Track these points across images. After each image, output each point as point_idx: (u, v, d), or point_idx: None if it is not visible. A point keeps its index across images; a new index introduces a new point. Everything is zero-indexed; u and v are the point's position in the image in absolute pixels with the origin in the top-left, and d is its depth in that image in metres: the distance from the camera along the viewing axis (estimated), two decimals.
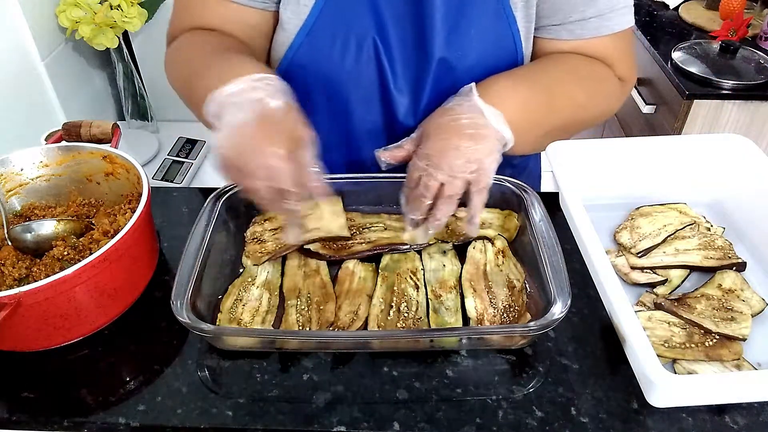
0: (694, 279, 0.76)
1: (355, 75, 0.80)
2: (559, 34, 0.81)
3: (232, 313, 0.70)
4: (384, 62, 0.79)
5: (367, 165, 0.86)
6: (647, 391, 0.62)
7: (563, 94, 0.79)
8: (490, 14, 0.78)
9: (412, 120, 0.84)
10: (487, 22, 0.78)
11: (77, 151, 0.81)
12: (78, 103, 1.58)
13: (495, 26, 0.79)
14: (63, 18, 1.43)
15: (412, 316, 0.70)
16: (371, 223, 0.81)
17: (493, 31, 0.79)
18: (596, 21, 0.79)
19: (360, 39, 0.78)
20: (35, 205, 0.82)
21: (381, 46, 0.78)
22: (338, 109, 0.84)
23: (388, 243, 0.78)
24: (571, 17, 0.79)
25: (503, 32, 0.79)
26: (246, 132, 0.62)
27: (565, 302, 0.63)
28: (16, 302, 0.60)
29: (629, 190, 0.86)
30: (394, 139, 0.86)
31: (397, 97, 0.82)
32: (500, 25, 0.79)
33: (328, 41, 0.78)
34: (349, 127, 0.86)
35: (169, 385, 0.65)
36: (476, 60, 0.79)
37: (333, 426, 0.61)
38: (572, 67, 0.81)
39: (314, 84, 0.82)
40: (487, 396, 0.63)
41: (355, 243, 0.78)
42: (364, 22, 0.77)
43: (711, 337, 0.67)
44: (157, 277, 0.76)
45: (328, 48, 0.79)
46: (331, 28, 0.78)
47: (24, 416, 0.63)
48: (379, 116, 0.85)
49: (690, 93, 1.60)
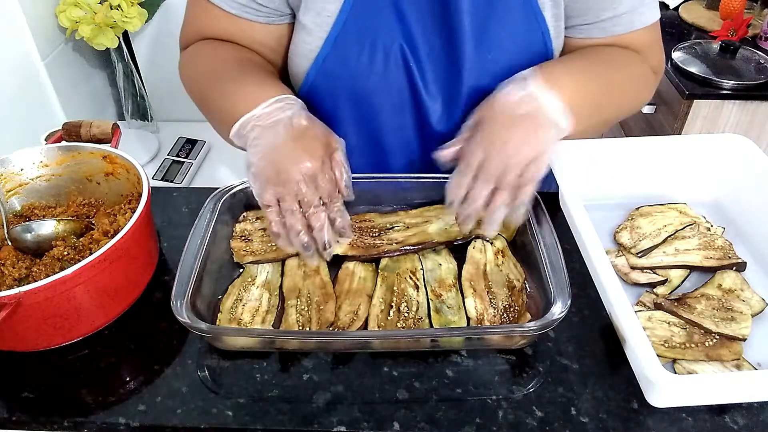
0: (694, 279, 0.76)
1: (385, 83, 0.80)
2: (591, 32, 0.81)
3: (232, 313, 0.70)
4: (413, 69, 0.79)
5: (397, 172, 0.86)
6: (647, 391, 0.62)
7: (616, 80, 0.79)
8: (519, 15, 0.77)
9: (445, 125, 0.83)
10: (516, 23, 0.77)
11: (77, 151, 0.81)
12: (78, 103, 1.58)
13: (525, 27, 0.78)
14: (63, 18, 1.43)
15: (413, 316, 0.70)
16: (391, 223, 0.81)
17: (523, 31, 0.78)
18: (628, 16, 0.78)
19: (387, 46, 0.77)
20: (35, 205, 0.82)
21: (409, 52, 0.78)
22: (368, 117, 0.83)
23: (418, 242, 0.77)
24: (602, 15, 0.78)
25: (533, 32, 0.78)
26: (283, 147, 0.67)
27: (565, 302, 0.63)
28: (16, 302, 0.60)
29: (629, 190, 0.86)
30: (427, 146, 0.85)
31: (429, 103, 0.82)
32: (530, 25, 0.78)
33: (355, 50, 0.78)
34: (379, 135, 0.85)
35: (169, 385, 0.65)
36: (508, 62, 0.78)
37: (333, 426, 0.61)
38: (615, 56, 0.81)
39: (343, 93, 0.82)
40: (487, 396, 0.63)
41: (383, 243, 0.78)
42: (390, 29, 0.77)
43: (711, 337, 0.67)
44: (157, 277, 0.76)
45: (356, 57, 0.78)
46: (357, 36, 0.77)
47: (24, 416, 0.63)
48: (411, 123, 0.84)
49: (690, 93, 1.60)
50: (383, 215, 0.83)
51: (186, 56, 0.87)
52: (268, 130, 0.69)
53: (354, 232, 0.79)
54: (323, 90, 0.81)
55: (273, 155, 0.68)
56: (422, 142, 0.86)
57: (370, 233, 0.80)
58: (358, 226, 0.80)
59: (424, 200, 0.83)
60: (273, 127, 0.69)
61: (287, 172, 0.66)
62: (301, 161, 0.66)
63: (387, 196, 0.83)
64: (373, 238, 0.79)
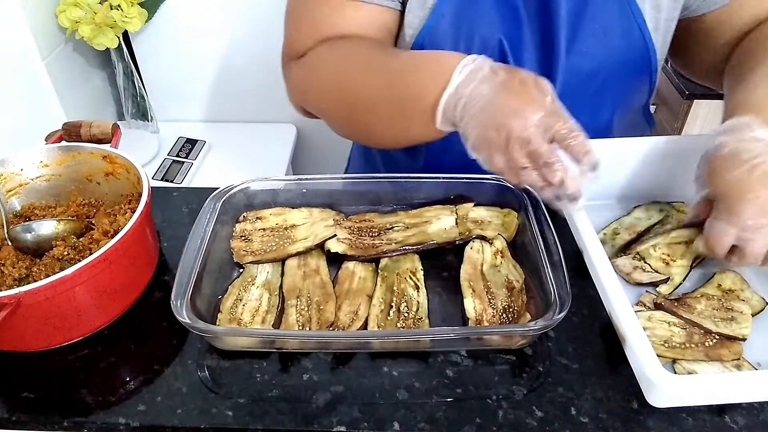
0: (694, 279, 0.76)
1: None
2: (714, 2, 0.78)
3: (232, 313, 0.70)
4: (511, 63, 0.76)
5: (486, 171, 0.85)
6: (647, 391, 0.62)
7: None
8: (614, 10, 0.76)
9: None
10: (611, 15, 0.76)
11: (77, 151, 0.81)
12: (78, 103, 1.58)
13: (620, 19, 0.76)
14: (63, 18, 1.43)
15: (412, 316, 0.70)
16: (391, 223, 0.81)
17: (619, 24, 0.77)
18: None
19: (485, 40, 0.75)
20: (35, 205, 0.82)
21: (507, 46, 0.75)
22: None
23: (417, 242, 0.78)
24: None
25: (629, 25, 0.77)
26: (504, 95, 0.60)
27: (565, 302, 0.63)
28: (16, 302, 0.60)
29: (629, 190, 0.86)
30: None
31: None
32: (625, 17, 0.76)
33: (450, 42, 0.75)
34: None
35: (169, 385, 0.65)
36: (605, 56, 0.77)
37: (333, 426, 0.61)
38: None
39: None
40: (487, 396, 0.63)
41: (383, 243, 0.78)
42: (489, 21, 0.74)
43: (711, 337, 0.67)
44: (157, 277, 0.76)
45: (451, 49, 0.74)
46: (453, 28, 0.75)
47: (24, 416, 0.63)
48: None
49: (690, 93, 1.60)
50: (383, 215, 0.82)
51: (304, 67, 0.79)
52: (475, 95, 0.61)
53: (353, 232, 0.79)
54: None
55: (485, 118, 0.60)
56: None
57: (369, 233, 0.80)
58: (357, 226, 0.80)
59: (424, 200, 0.83)
60: (477, 89, 0.62)
61: (507, 128, 0.59)
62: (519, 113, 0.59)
63: (387, 196, 0.83)
64: (372, 238, 0.79)
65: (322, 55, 0.78)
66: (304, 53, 0.81)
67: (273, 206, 0.82)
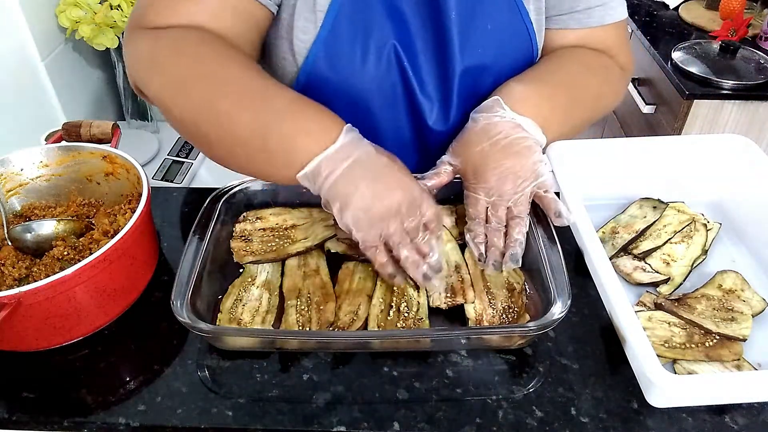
0: (695, 279, 0.76)
1: (378, 82, 0.79)
2: (567, 23, 0.84)
3: (232, 313, 0.70)
4: (407, 67, 0.78)
5: None
6: (647, 391, 0.62)
7: (582, 86, 0.82)
8: (504, 9, 0.79)
9: (442, 125, 0.83)
10: (501, 17, 0.79)
11: (77, 151, 0.81)
12: (78, 103, 1.58)
13: (510, 21, 0.79)
14: (63, 18, 1.43)
15: (413, 316, 0.70)
16: None
17: (509, 26, 0.80)
18: (600, 10, 0.83)
19: (380, 44, 0.76)
20: (35, 205, 0.82)
21: (402, 51, 0.77)
22: (364, 118, 0.81)
23: None
24: (578, 6, 0.82)
25: (518, 26, 0.80)
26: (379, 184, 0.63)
27: (565, 302, 0.63)
28: (16, 302, 0.60)
29: (629, 190, 0.86)
30: (425, 145, 0.85)
31: (425, 103, 0.81)
32: (514, 19, 0.79)
33: (347, 48, 0.76)
34: (375, 135, 0.81)
35: (169, 385, 0.65)
36: (495, 57, 0.80)
37: (333, 426, 0.61)
38: (582, 59, 0.84)
39: (337, 93, 0.79)
40: (487, 396, 0.63)
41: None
42: (382, 26, 0.76)
43: (711, 337, 0.67)
44: (157, 277, 0.76)
45: (348, 55, 0.76)
46: (348, 34, 0.75)
47: (24, 416, 0.63)
48: (407, 123, 0.84)
49: (690, 93, 1.60)
50: None
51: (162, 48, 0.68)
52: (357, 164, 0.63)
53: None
54: (316, 90, 0.78)
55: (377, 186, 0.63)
56: (419, 142, 0.86)
57: None
58: None
59: None
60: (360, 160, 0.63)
61: (389, 208, 0.63)
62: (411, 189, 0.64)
63: None
64: None
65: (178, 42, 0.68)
66: (159, 26, 0.70)
67: (273, 206, 0.82)
